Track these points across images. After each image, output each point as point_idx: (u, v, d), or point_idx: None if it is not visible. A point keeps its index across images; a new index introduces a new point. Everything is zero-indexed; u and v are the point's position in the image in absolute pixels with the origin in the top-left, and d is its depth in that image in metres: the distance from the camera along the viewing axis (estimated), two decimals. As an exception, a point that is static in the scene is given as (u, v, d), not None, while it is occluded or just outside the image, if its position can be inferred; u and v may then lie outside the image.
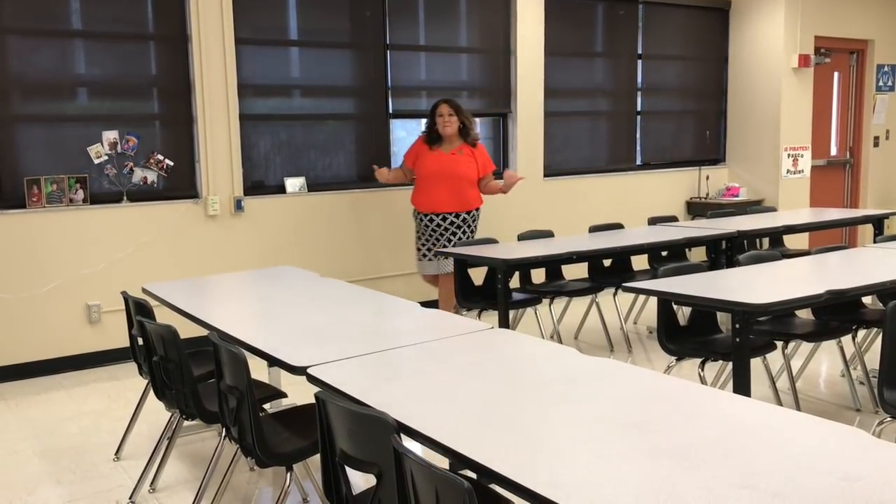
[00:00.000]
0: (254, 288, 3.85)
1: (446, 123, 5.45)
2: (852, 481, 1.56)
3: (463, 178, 5.46)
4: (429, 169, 5.47)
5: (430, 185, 5.47)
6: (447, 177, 5.44)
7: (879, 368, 3.05)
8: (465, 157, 5.49)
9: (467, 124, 5.52)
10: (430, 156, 5.49)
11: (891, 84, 8.95)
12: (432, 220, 5.48)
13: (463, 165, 5.46)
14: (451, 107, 5.49)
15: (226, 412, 2.73)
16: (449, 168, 5.44)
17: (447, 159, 5.46)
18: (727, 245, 5.42)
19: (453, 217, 5.47)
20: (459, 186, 5.45)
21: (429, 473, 1.69)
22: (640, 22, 7.69)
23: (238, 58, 5.62)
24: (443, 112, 5.48)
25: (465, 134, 5.52)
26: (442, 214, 5.47)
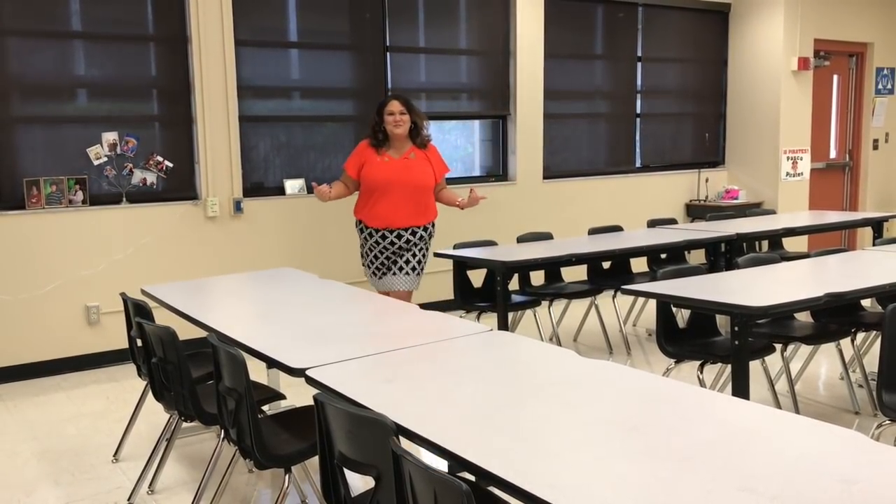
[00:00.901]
0: (253, 289, 3.85)
1: (398, 122, 4.70)
2: (851, 484, 1.56)
3: (421, 188, 4.75)
4: (380, 178, 4.70)
5: (382, 196, 4.71)
6: (402, 186, 4.70)
7: (878, 371, 3.05)
8: (419, 161, 4.77)
9: (419, 123, 4.79)
10: (378, 162, 4.72)
11: (890, 87, 8.96)
12: (385, 237, 4.75)
13: (419, 172, 4.75)
14: (403, 104, 4.76)
15: (224, 414, 2.73)
16: (404, 176, 4.71)
17: (400, 165, 4.72)
18: (726, 247, 5.42)
19: (409, 235, 4.76)
20: (417, 197, 4.75)
21: (427, 476, 1.68)
22: (639, 24, 7.70)
23: (238, 59, 5.62)
24: (394, 109, 4.71)
25: (416, 134, 4.79)
26: (397, 231, 4.74)
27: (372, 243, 4.81)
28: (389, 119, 4.72)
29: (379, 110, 4.77)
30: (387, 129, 4.73)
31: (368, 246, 4.85)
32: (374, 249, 4.81)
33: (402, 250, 4.78)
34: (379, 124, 4.75)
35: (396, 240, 4.74)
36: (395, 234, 4.74)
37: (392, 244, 4.75)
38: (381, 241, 4.76)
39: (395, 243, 4.75)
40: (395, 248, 4.76)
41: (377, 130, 4.77)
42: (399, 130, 4.72)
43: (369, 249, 4.86)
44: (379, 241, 4.77)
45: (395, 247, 4.75)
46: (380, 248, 4.78)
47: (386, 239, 4.75)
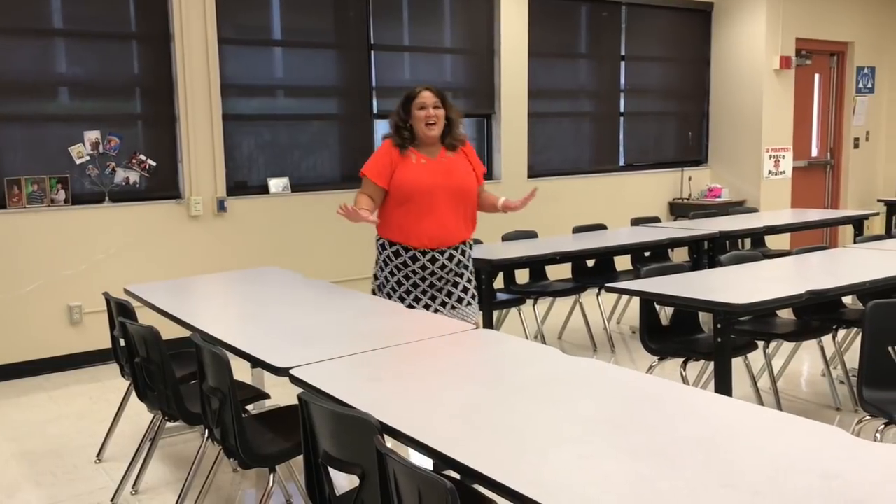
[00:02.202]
0: (237, 289, 3.84)
1: (431, 118, 3.60)
2: (831, 479, 1.58)
3: (469, 193, 3.69)
4: (422, 183, 3.58)
5: (427, 207, 3.59)
6: (449, 193, 3.62)
7: (859, 368, 3.08)
8: (459, 160, 3.71)
9: (454, 118, 3.72)
10: (414, 165, 3.61)
11: (870, 86, 9.04)
12: (435, 259, 3.62)
13: (464, 174, 3.69)
14: (437, 95, 3.67)
15: (208, 413, 2.72)
16: (448, 180, 3.62)
17: (441, 167, 3.63)
18: (709, 245, 5.45)
19: (460, 254, 3.70)
20: (466, 204, 3.69)
21: (411, 474, 1.69)
22: (623, 23, 7.73)
23: (221, 57, 5.59)
24: (426, 102, 3.61)
25: (447, 133, 3.69)
26: (448, 251, 3.65)
27: (412, 270, 3.64)
28: (420, 115, 3.61)
29: (405, 104, 3.68)
30: (415, 128, 3.63)
31: (405, 274, 3.66)
32: (414, 277, 3.65)
33: (454, 275, 3.69)
34: (405, 121, 3.67)
35: (448, 262, 3.65)
36: (446, 254, 3.64)
37: (443, 268, 3.64)
38: (429, 264, 3.62)
39: (447, 266, 3.65)
40: (446, 273, 3.66)
41: (402, 127, 3.67)
42: (434, 131, 3.62)
43: (406, 277, 3.66)
44: (427, 266, 3.63)
45: (445, 270, 3.65)
46: (425, 273, 3.64)
47: (436, 262, 3.63)
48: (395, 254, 3.67)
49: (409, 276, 3.65)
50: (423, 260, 3.62)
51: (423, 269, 3.64)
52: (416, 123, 3.62)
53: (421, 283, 3.65)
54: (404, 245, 3.65)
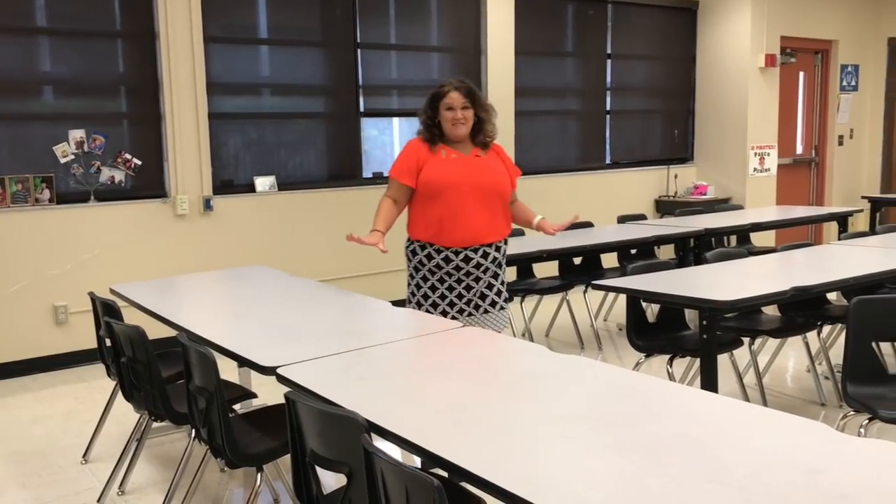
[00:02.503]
0: (223, 288, 3.82)
1: (458, 120, 3.45)
2: (816, 474, 1.59)
3: (501, 192, 3.54)
4: (451, 178, 3.44)
5: (457, 203, 3.44)
6: (480, 189, 3.46)
7: (843, 364, 3.10)
8: (492, 160, 3.56)
9: (485, 118, 3.53)
10: (444, 161, 3.48)
11: (854, 84, 9.10)
12: (469, 258, 3.47)
13: (497, 173, 3.54)
14: (466, 95, 3.48)
15: (195, 413, 2.72)
16: (481, 177, 3.48)
17: (473, 164, 3.50)
18: (695, 243, 5.48)
19: (495, 252, 3.55)
20: (498, 203, 3.54)
21: (399, 472, 1.69)
22: (609, 22, 7.75)
23: (207, 56, 5.57)
24: (454, 103, 3.44)
25: (478, 131, 3.54)
26: (482, 249, 3.50)
27: (447, 272, 3.49)
28: (448, 115, 3.47)
29: (432, 102, 3.53)
30: (445, 128, 3.49)
31: (439, 277, 3.50)
32: (449, 280, 3.49)
33: (490, 275, 3.54)
34: (432, 118, 3.52)
35: (483, 260, 3.50)
36: (480, 252, 3.49)
37: (479, 266, 3.49)
38: (463, 264, 3.47)
39: (482, 265, 3.50)
40: (482, 272, 3.51)
41: (431, 125, 3.53)
42: (461, 131, 3.48)
43: (440, 281, 3.50)
44: (461, 266, 3.47)
45: (481, 269, 3.50)
46: (460, 275, 3.48)
47: (470, 261, 3.47)
48: (428, 257, 3.51)
49: (443, 280, 3.49)
50: (456, 260, 3.46)
51: (457, 269, 3.48)
52: (443, 123, 3.49)
53: (457, 286, 3.49)
54: (436, 246, 3.49)
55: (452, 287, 3.50)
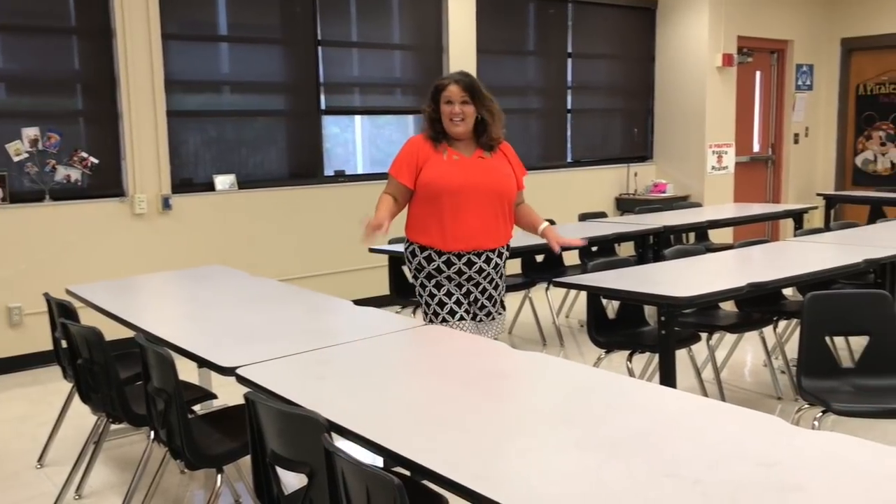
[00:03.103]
0: (182, 288, 3.78)
1: (455, 115, 3.27)
2: (769, 466, 1.63)
3: (506, 194, 3.36)
4: (454, 180, 3.26)
5: (460, 206, 3.26)
6: (484, 192, 3.29)
7: (798, 358, 3.17)
8: (498, 161, 3.38)
9: (487, 118, 3.32)
10: (446, 161, 3.29)
11: (809, 83, 9.28)
12: (472, 263, 3.30)
13: (501, 174, 3.36)
14: (466, 89, 3.28)
15: (154, 415, 2.68)
16: (484, 178, 3.30)
17: (477, 165, 3.31)
18: (654, 240, 5.54)
19: (498, 257, 3.38)
20: (503, 206, 3.36)
21: (359, 471, 1.69)
22: (569, 21, 7.80)
23: (165, 53, 5.49)
24: (452, 97, 3.26)
25: (481, 132, 3.33)
26: (485, 254, 3.33)
27: (447, 276, 3.32)
28: (446, 110, 3.28)
29: (434, 92, 3.33)
30: (444, 124, 3.31)
31: (438, 281, 3.33)
32: (449, 284, 3.32)
33: (492, 283, 3.40)
34: (436, 112, 3.33)
35: (486, 265, 3.34)
36: (483, 257, 3.32)
37: (481, 272, 3.34)
38: (465, 268, 3.31)
39: (485, 270, 3.34)
40: (484, 278, 3.36)
41: (435, 119, 3.33)
42: (458, 128, 3.28)
43: (439, 285, 3.33)
44: (463, 270, 3.31)
45: (483, 275, 3.35)
46: (461, 280, 3.32)
47: (472, 266, 3.32)
48: (428, 259, 3.33)
49: (442, 284, 3.32)
50: (458, 264, 3.29)
51: (459, 274, 3.31)
52: (443, 118, 3.30)
53: (456, 292, 3.32)
54: (437, 249, 3.30)
55: (452, 293, 3.33)
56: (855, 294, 3.41)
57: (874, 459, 1.66)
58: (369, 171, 6.72)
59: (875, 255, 4.04)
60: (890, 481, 1.54)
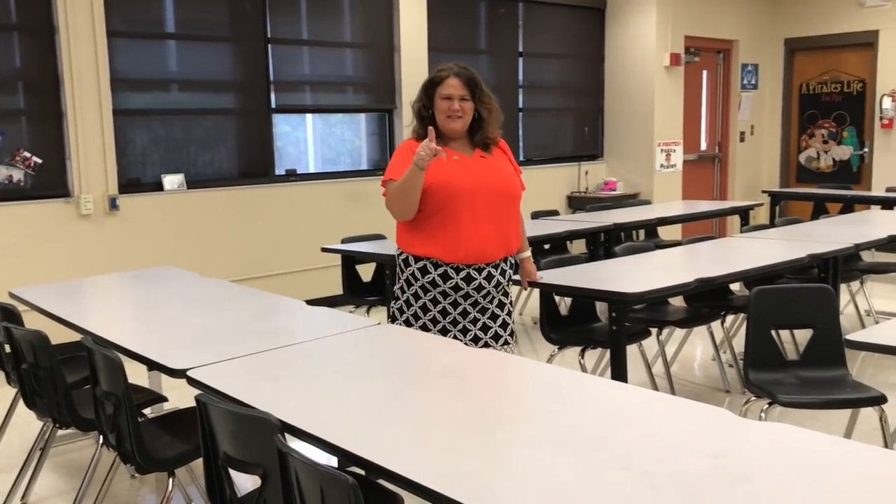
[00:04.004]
0: (131, 290, 3.72)
1: (455, 112, 2.97)
2: (717, 458, 1.66)
3: (513, 198, 3.07)
4: (458, 184, 2.93)
5: (466, 212, 2.93)
6: (490, 197, 2.97)
7: (744, 351, 3.24)
8: (499, 160, 3.09)
9: (484, 116, 3.02)
10: (447, 163, 2.92)
11: (754, 82, 9.48)
12: (471, 278, 2.96)
13: (506, 176, 3.06)
14: (466, 83, 2.99)
15: (102, 419, 2.63)
16: (490, 181, 2.98)
17: (481, 166, 3.00)
18: (605, 237, 5.61)
19: (500, 274, 3.03)
20: (509, 213, 3.05)
21: (313, 472, 1.68)
22: (520, 20, 7.85)
23: (110, 50, 5.38)
24: (451, 92, 2.97)
25: (477, 129, 3.03)
26: (487, 269, 2.98)
27: (442, 292, 2.97)
28: (443, 106, 2.97)
29: (428, 86, 3.04)
30: (438, 120, 2.99)
31: (432, 297, 2.99)
32: (444, 301, 2.98)
33: (495, 303, 3.03)
34: (427, 108, 3.03)
35: (486, 282, 2.97)
36: (484, 273, 2.97)
37: (480, 289, 2.97)
38: (463, 284, 2.94)
39: (484, 288, 2.97)
40: (483, 296, 2.99)
41: (424, 116, 3.04)
42: (455, 125, 2.97)
43: (433, 302, 2.99)
44: (460, 286, 2.95)
45: (482, 293, 2.98)
46: (458, 296, 2.97)
47: (471, 282, 2.95)
48: (423, 271, 2.97)
49: (437, 300, 2.97)
50: (455, 279, 2.93)
51: (455, 289, 2.94)
52: (437, 114, 2.99)
53: (451, 311, 2.97)
54: (434, 260, 2.95)
55: (447, 311, 2.98)
56: (799, 288, 3.50)
57: (818, 449, 1.70)
58: (321, 169, 6.68)
59: (818, 251, 4.15)
60: (834, 470, 1.59)
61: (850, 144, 9.10)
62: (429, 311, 2.99)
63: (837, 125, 9.17)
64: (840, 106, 9.13)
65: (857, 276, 5.41)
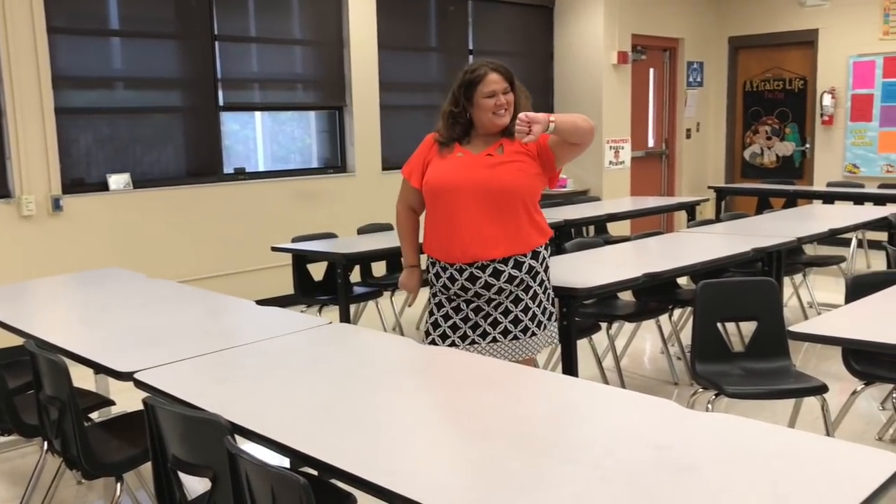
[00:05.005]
0: (75, 292, 3.64)
1: (502, 106, 2.92)
2: (663, 449, 1.69)
3: (508, 193, 2.91)
4: (445, 181, 2.93)
5: (454, 210, 2.91)
6: (480, 192, 2.89)
7: (691, 344, 3.30)
8: (512, 155, 2.93)
9: (522, 104, 2.99)
10: (447, 160, 2.97)
11: (700, 80, 9.65)
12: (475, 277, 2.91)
13: (509, 170, 2.91)
14: (506, 77, 2.94)
15: (47, 424, 2.58)
16: (482, 176, 2.89)
17: (479, 163, 2.92)
18: (555, 233, 5.65)
19: (513, 269, 2.92)
20: (505, 209, 2.91)
21: (264, 473, 1.67)
22: (470, 18, 7.87)
23: (52, 47, 5.26)
24: (495, 88, 2.91)
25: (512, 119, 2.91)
26: (493, 266, 2.90)
27: (455, 293, 2.95)
28: (487, 104, 2.90)
29: (465, 88, 2.94)
30: (477, 119, 2.95)
31: (447, 297, 2.98)
32: (458, 300, 2.96)
33: (510, 298, 2.94)
34: (464, 111, 2.97)
35: (494, 279, 2.90)
36: (489, 270, 2.90)
37: (489, 287, 2.90)
38: (469, 284, 2.91)
39: (494, 285, 2.90)
40: (494, 293, 2.92)
41: (457, 120, 2.98)
42: (504, 120, 2.92)
43: (448, 300, 2.98)
44: (467, 287, 2.92)
45: (493, 291, 2.91)
46: (469, 296, 2.94)
47: (476, 281, 2.90)
48: (436, 275, 2.99)
49: (452, 299, 2.96)
50: (461, 280, 2.91)
51: (464, 290, 2.91)
52: (479, 113, 2.92)
53: (464, 308, 2.94)
54: (442, 262, 2.96)
55: (460, 308, 2.95)
56: (743, 282, 3.58)
57: (762, 438, 1.75)
58: (271, 168, 6.62)
59: (762, 244, 4.24)
60: (776, 458, 1.63)
61: (792, 140, 9.32)
62: (451, 317, 2.99)
63: (780, 122, 9.39)
64: (782, 103, 9.34)
65: (800, 268, 5.54)
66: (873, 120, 8.52)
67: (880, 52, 8.37)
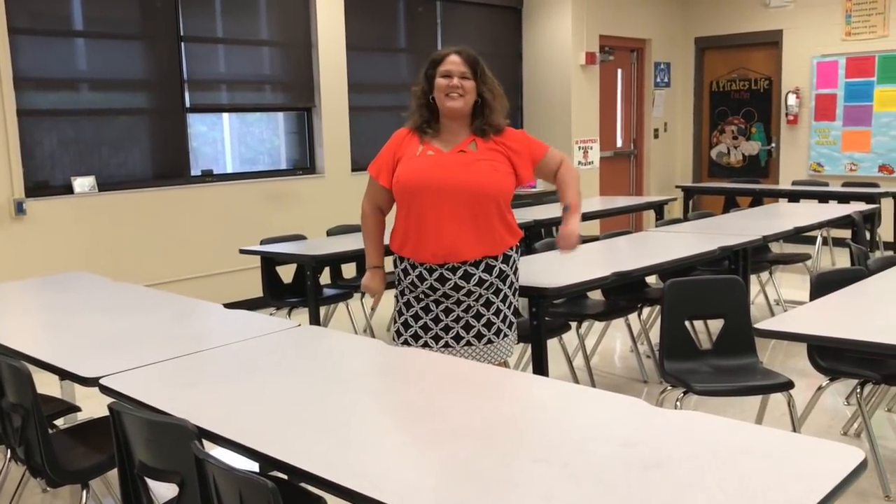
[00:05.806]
0: (39, 296, 3.58)
1: (453, 89, 2.85)
2: (631, 446, 1.70)
3: (483, 194, 2.86)
4: (418, 178, 2.87)
5: (426, 210, 2.85)
6: (454, 192, 2.83)
7: (660, 342, 3.33)
8: (485, 153, 2.89)
9: (488, 98, 2.91)
10: (419, 157, 2.90)
11: (667, 80, 9.74)
12: (446, 279, 2.88)
13: (482, 170, 2.86)
14: (467, 61, 2.90)
15: (10, 432, 2.53)
16: (455, 175, 2.84)
17: (452, 160, 2.87)
18: (526, 234, 5.66)
19: (483, 272, 2.89)
20: (479, 210, 2.85)
21: (231, 477, 1.65)
22: (438, 19, 7.87)
23: (13, 48, 5.17)
24: (451, 69, 2.87)
25: (478, 114, 2.91)
26: (464, 268, 2.87)
27: (423, 292, 2.92)
28: (442, 83, 2.86)
29: (428, 67, 2.92)
30: (440, 103, 2.89)
31: (416, 296, 2.94)
32: (426, 300, 2.92)
33: (480, 301, 2.91)
34: (427, 93, 2.93)
35: (464, 282, 2.87)
36: (459, 273, 2.86)
37: (458, 289, 2.87)
38: (438, 285, 2.87)
39: (463, 287, 2.87)
40: (464, 295, 2.88)
41: (423, 104, 2.95)
42: (455, 103, 2.85)
43: (416, 299, 2.94)
44: (436, 287, 2.88)
45: (462, 293, 2.87)
46: (437, 296, 2.90)
47: (446, 282, 2.87)
48: (405, 272, 2.95)
49: (419, 298, 2.92)
50: (430, 280, 2.88)
51: (432, 290, 2.88)
52: (437, 95, 2.88)
53: (434, 308, 2.90)
54: (411, 261, 2.92)
55: (429, 308, 2.92)
56: (711, 280, 3.62)
57: (728, 434, 1.76)
58: (239, 169, 6.57)
59: (729, 243, 4.29)
60: (741, 454, 1.65)
61: (758, 140, 9.44)
62: (420, 318, 2.95)
63: (746, 121, 9.51)
64: (748, 103, 9.46)
65: (766, 266, 5.62)
66: (837, 119, 8.66)
67: (843, 52, 8.51)
